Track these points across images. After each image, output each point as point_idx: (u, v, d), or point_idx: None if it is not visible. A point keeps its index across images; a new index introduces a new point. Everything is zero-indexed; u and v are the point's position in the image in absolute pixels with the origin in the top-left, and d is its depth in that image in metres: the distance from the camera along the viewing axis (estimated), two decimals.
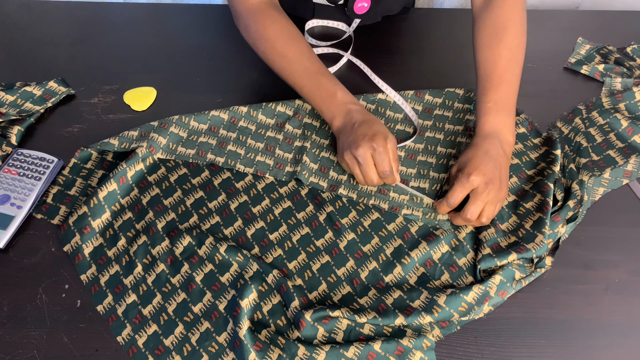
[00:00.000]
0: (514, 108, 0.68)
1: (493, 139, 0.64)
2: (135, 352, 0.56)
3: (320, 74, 0.72)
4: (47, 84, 0.79)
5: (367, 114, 0.69)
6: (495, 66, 0.68)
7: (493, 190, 0.60)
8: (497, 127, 0.66)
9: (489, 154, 0.63)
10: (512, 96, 0.68)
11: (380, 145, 0.63)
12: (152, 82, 0.82)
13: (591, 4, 1.10)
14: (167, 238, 0.63)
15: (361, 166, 0.64)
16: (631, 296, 0.60)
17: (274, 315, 0.58)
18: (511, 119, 0.67)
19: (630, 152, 0.72)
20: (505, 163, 0.64)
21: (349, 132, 0.66)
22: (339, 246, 0.64)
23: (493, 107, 0.66)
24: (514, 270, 0.59)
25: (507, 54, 0.68)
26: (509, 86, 0.68)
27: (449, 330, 0.57)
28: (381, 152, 0.63)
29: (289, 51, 0.72)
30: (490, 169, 0.61)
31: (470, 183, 0.60)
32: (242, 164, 0.71)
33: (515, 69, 0.69)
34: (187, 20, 0.95)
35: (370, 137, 0.63)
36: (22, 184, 0.67)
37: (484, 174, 0.60)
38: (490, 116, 0.66)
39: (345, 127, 0.68)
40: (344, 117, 0.68)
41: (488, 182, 0.60)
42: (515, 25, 0.69)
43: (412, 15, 0.97)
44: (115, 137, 0.72)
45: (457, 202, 0.62)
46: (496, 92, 0.67)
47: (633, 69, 0.83)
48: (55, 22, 0.94)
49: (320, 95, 0.71)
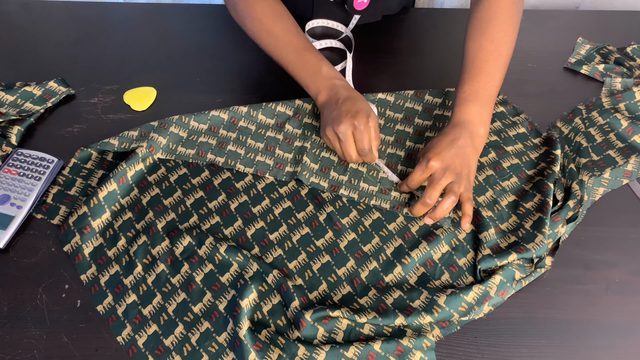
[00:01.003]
0: (490, 100, 0.67)
1: (462, 129, 0.65)
2: (135, 352, 0.56)
3: (306, 49, 0.73)
4: (47, 84, 0.79)
5: (351, 89, 0.70)
6: (476, 57, 0.68)
7: (451, 177, 0.61)
8: (469, 117, 0.66)
9: (454, 142, 0.63)
10: (490, 88, 0.67)
11: (362, 123, 0.64)
12: (152, 82, 0.82)
13: (591, 4, 1.10)
14: (167, 238, 0.63)
15: (342, 143, 0.66)
16: (631, 296, 0.60)
17: (274, 315, 0.58)
18: (485, 111, 0.67)
19: (630, 152, 0.72)
20: (472, 154, 0.64)
21: (333, 107, 0.67)
22: (339, 246, 0.64)
23: (467, 97, 0.67)
24: (514, 270, 0.59)
25: (489, 46, 0.68)
26: (487, 78, 0.67)
27: (449, 330, 0.57)
28: (362, 131, 0.64)
29: (276, 28, 0.74)
30: (450, 156, 0.62)
31: (429, 168, 0.62)
32: (242, 164, 0.71)
33: (497, 61, 0.68)
34: (187, 20, 0.95)
35: (353, 115, 0.65)
36: (22, 184, 0.67)
37: (442, 159, 0.62)
38: (463, 106, 0.66)
39: (329, 102, 0.69)
40: (329, 91, 0.70)
41: (446, 168, 0.61)
42: (501, 18, 0.69)
43: (412, 15, 0.97)
44: (115, 137, 0.72)
45: (415, 184, 0.64)
46: (473, 83, 0.67)
47: (633, 69, 0.83)
48: (55, 22, 0.94)
49: (305, 71, 0.72)
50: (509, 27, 0.70)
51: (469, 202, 0.61)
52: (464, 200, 0.61)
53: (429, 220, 0.63)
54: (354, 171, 0.71)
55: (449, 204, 0.60)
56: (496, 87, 0.68)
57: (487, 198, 0.68)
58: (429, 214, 0.63)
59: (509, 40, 0.69)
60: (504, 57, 0.69)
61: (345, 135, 0.65)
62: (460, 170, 0.62)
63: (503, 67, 0.69)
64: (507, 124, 0.77)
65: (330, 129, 0.66)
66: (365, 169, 0.71)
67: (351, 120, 0.64)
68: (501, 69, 0.69)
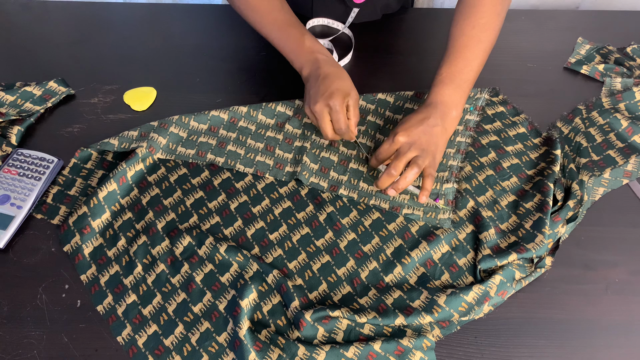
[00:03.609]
0: (466, 85, 0.69)
1: (434, 109, 0.66)
2: (135, 352, 0.56)
3: (289, 25, 0.75)
4: (47, 84, 0.79)
5: (332, 65, 0.72)
6: (456, 42, 0.70)
7: (416, 152, 0.63)
8: (442, 99, 0.67)
9: (423, 121, 0.65)
10: (467, 72, 0.69)
11: (337, 103, 0.66)
12: (152, 82, 0.82)
13: (591, 4, 1.10)
14: (167, 238, 0.63)
15: (318, 121, 0.69)
16: (631, 296, 0.60)
17: (274, 315, 0.58)
18: (459, 94, 0.68)
19: (630, 152, 0.72)
20: (440, 133, 0.66)
21: (313, 84, 0.70)
22: (339, 246, 0.64)
23: (443, 79, 0.68)
24: (514, 270, 0.59)
25: (470, 32, 0.69)
26: (465, 62, 0.69)
27: (449, 330, 0.57)
28: (337, 111, 0.67)
29: (261, 5, 0.75)
30: (418, 133, 0.64)
31: (396, 142, 0.64)
32: (242, 164, 0.71)
33: (477, 47, 0.70)
34: (187, 20, 0.95)
35: (329, 95, 0.67)
36: (22, 184, 0.67)
37: (409, 135, 0.64)
38: (438, 87, 0.68)
39: (310, 77, 0.71)
40: (311, 66, 0.72)
41: (412, 143, 0.63)
42: (486, 5, 0.70)
43: (412, 15, 0.97)
44: (115, 137, 0.72)
45: (382, 157, 0.66)
46: (450, 66, 0.69)
47: (633, 69, 0.83)
48: (55, 22, 0.94)
49: (289, 46, 0.74)
50: (493, 14, 0.70)
51: (429, 178, 0.63)
52: (425, 175, 0.63)
53: (392, 191, 0.64)
54: (354, 171, 0.71)
55: (411, 175, 0.62)
56: (473, 72, 0.70)
57: (487, 198, 0.68)
58: (392, 185, 0.64)
59: (491, 27, 0.71)
60: (484, 43, 0.70)
61: (320, 114, 0.67)
62: (426, 146, 0.64)
63: (482, 53, 0.70)
64: (507, 124, 0.77)
65: (307, 108, 0.70)
66: (365, 169, 0.71)
67: (326, 101, 0.67)
68: (480, 55, 0.70)
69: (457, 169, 0.71)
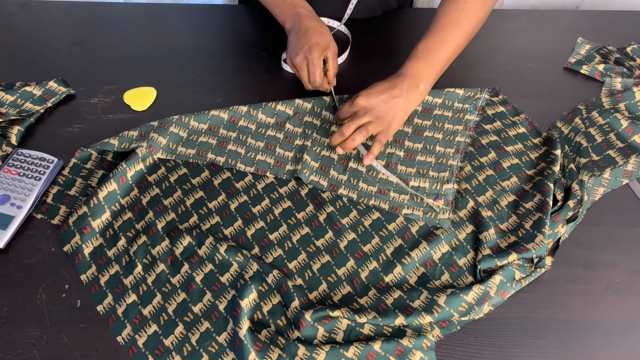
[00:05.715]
0: (438, 63, 0.70)
1: (401, 81, 0.68)
2: (135, 352, 0.56)
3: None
4: (47, 84, 0.79)
5: (313, 19, 0.76)
6: (437, 21, 0.72)
7: (370, 118, 0.67)
8: (412, 72, 0.69)
9: (387, 90, 0.67)
10: (441, 51, 0.70)
11: (315, 57, 0.72)
12: (152, 82, 0.82)
13: (591, 4, 1.10)
14: (167, 238, 0.63)
15: (298, 72, 0.75)
16: (631, 296, 0.60)
17: (274, 315, 0.58)
18: (429, 70, 0.70)
19: (630, 152, 0.72)
20: (402, 105, 0.68)
21: (294, 37, 0.75)
22: (339, 246, 0.64)
23: (417, 54, 0.70)
24: (514, 270, 0.59)
25: (452, 14, 0.71)
26: (441, 41, 0.70)
27: (449, 330, 0.57)
28: (314, 64, 0.72)
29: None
30: (377, 101, 0.67)
31: (354, 104, 0.68)
32: (242, 163, 0.71)
33: (456, 29, 0.71)
34: (187, 20, 0.94)
35: (308, 48, 0.72)
36: (22, 184, 0.67)
37: (368, 101, 0.67)
38: (410, 60, 0.70)
39: (292, 30, 0.76)
40: (293, 20, 0.77)
41: (369, 109, 0.67)
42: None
43: (412, 14, 0.97)
44: (115, 137, 0.72)
45: (342, 116, 0.70)
46: (426, 42, 0.71)
47: (633, 69, 0.83)
48: (55, 22, 0.94)
49: (273, 1, 0.80)
50: (477, 1, 0.72)
51: (378, 143, 0.67)
52: (375, 140, 0.67)
53: (339, 149, 0.68)
54: (354, 171, 0.71)
55: (359, 138, 0.66)
56: (448, 52, 0.71)
57: (487, 198, 0.68)
58: (341, 144, 0.67)
59: (473, 13, 0.72)
60: (464, 27, 0.71)
61: (299, 66, 0.74)
62: (383, 115, 0.67)
63: (461, 37, 0.71)
64: (507, 124, 0.77)
65: (288, 59, 0.76)
66: (365, 169, 0.71)
67: (304, 54, 0.72)
68: (458, 37, 0.71)
69: (457, 168, 0.71)
